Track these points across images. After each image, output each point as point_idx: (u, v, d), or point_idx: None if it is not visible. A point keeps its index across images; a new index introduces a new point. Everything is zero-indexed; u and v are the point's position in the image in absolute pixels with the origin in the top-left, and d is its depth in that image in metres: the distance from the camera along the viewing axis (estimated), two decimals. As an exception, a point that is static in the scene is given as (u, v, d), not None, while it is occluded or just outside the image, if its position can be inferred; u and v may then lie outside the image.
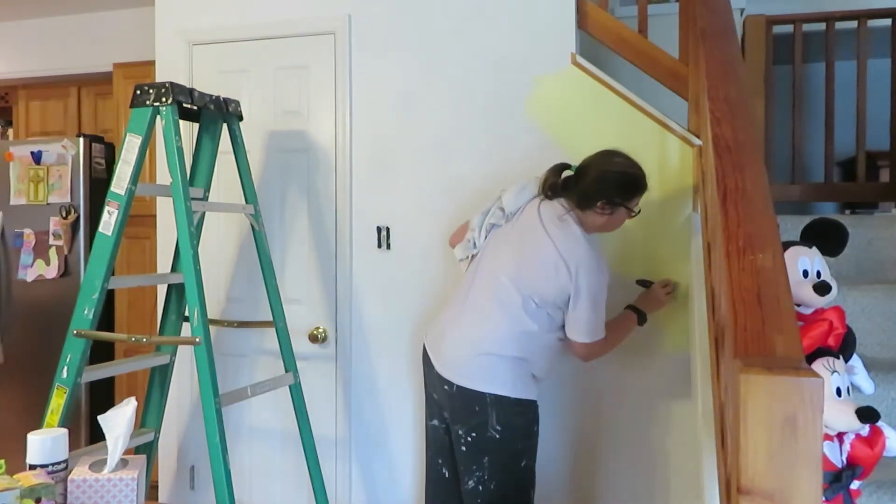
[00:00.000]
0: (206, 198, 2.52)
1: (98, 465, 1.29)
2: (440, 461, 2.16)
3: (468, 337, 2.02)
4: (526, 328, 1.99)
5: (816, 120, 3.44)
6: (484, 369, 1.98)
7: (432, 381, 2.11)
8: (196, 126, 2.57)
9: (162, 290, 2.89)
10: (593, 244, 2.02)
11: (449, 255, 2.60)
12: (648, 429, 2.42)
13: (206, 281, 2.77)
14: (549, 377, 2.23)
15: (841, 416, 1.58)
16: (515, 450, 1.99)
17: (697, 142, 2.36)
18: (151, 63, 3.14)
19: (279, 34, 2.82)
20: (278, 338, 2.56)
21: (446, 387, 2.02)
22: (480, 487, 1.98)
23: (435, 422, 2.15)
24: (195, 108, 2.39)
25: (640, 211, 2.09)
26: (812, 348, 1.68)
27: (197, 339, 2.13)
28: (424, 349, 2.16)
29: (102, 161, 3.65)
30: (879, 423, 1.66)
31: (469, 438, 1.98)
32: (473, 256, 2.19)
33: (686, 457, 2.37)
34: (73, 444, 2.91)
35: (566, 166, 2.10)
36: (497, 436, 1.95)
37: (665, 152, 2.41)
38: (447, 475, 2.14)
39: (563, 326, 2.05)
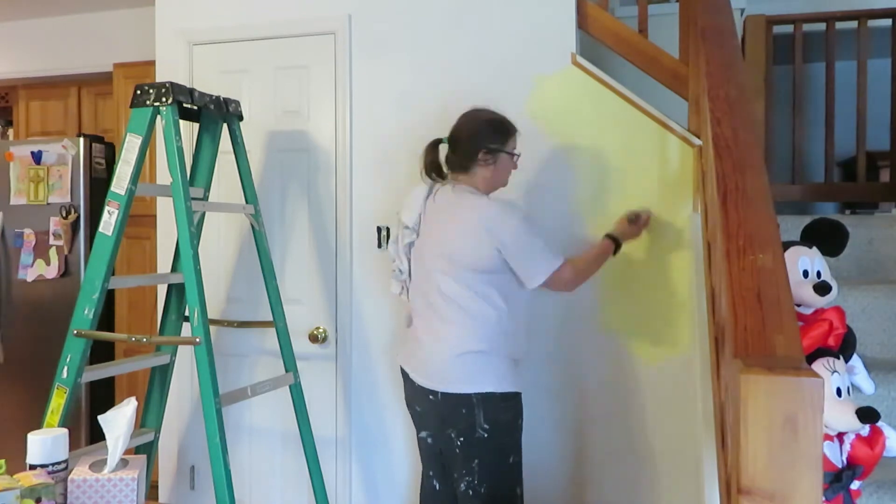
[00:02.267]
0: (206, 198, 2.52)
1: (98, 465, 1.29)
2: (430, 473, 2.17)
3: (440, 344, 2.01)
4: (485, 314, 1.97)
5: (816, 120, 3.44)
6: (464, 371, 1.97)
7: (413, 394, 2.11)
8: (196, 126, 2.57)
9: (162, 290, 2.89)
10: (497, 200, 2.00)
11: (449, 255, 2.60)
12: (648, 429, 2.42)
13: (206, 281, 2.77)
14: (529, 355, 2.26)
15: (841, 417, 1.58)
16: (502, 447, 1.98)
17: (697, 142, 2.36)
18: (151, 63, 3.14)
19: (279, 34, 2.82)
20: (278, 338, 2.56)
21: (431, 396, 2.01)
22: (471, 492, 1.97)
23: (423, 433, 2.14)
24: (195, 108, 2.39)
25: (520, 154, 2.11)
26: (812, 348, 1.68)
27: (197, 339, 2.13)
28: (401, 367, 2.15)
29: (102, 161, 3.65)
30: (879, 424, 1.67)
31: (459, 442, 1.97)
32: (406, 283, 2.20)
33: (686, 457, 2.37)
34: (74, 444, 2.91)
35: (438, 140, 2.11)
36: (485, 435, 1.94)
37: (665, 152, 2.41)
38: (437, 487, 2.15)
39: (518, 289, 2.03)
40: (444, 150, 2.11)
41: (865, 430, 1.65)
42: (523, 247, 1.95)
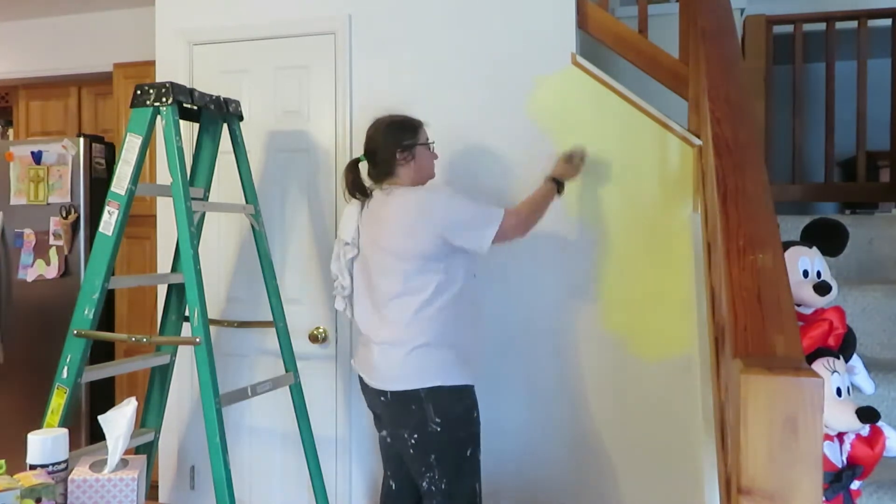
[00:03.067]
0: (206, 198, 2.52)
1: (98, 465, 1.29)
2: (389, 473, 2.20)
3: (385, 344, 2.02)
4: (424, 308, 1.97)
5: (816, 120, 3.44)
6: (410, 367, 1.97)
7: (370, 398, 2.13)
8: (196, 126, 2.57)
9: (162, 290, 2.89)
10: (419, 186, 2.06)
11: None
12: (648, 429, 2.42)
13: (206, 281, 2.77)
14: (483, 356, 2.29)
15: (841, 416, 1.58)
16: (458, 440, 1.99)
17: (697, 142, 2.36)
18: (151, 63, 3.14)
19: (279, 34, 2.82)
20: (278, 338, 2.56)
21: (382, 398, 2.03)
22: (433, 488, 1.98)
23: (382, 432, 2.18)
24: (195, 108, 2.39)
25: (434, 142, 2.16)
26: (812, 348, 1.68)
27: (197, 339, 2.12)
28: (358, 374, 2.17)
29: (103, 161, 3.65)
30: (880, 424, 1.66)
31: (413, 441, 1.98)
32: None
33: (686, 457, 2.37)
34: (74, 444, 2.90)
35: (357, 160, 2.16)
36: (438, 429, 1.95)
37: (665, 152, 2.41)
38: (394, 487, 2.18)
39: (460, 274, 2.02)
40: (364, 167, 2.16)
41: (865, 430, 1.65)
42: (461, 215, 1.97)
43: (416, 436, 1.97)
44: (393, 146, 2.07)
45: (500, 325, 2.56)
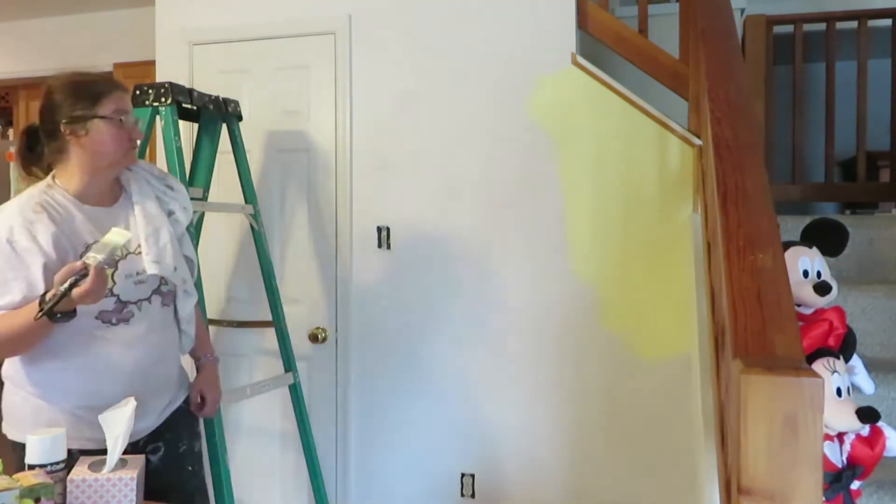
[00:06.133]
0: (205, 198, 2.52)
1: (97, 465, 1.29)
2: None
3: None
4: None
5: (817, 120, 3.44)
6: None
7: None
8: (196, 126, 2.57)
9: (162, 290, 2.88)
10: (14, 209, 1.52)
11: (450, 254, 2.60)
12: (648, 429, 2.42)
13: (206, 281, 2.77)
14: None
15: (841, 417, 1.58)
16: None
17: (697, 142, 2.36)
18: (151, 63, 3.14)
19: (279, 34, 2.82)
20: (278, 338, 2.56)
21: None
22: None
23: None
24: (194, 108, 2.39)
25: (128, 112, 1.61)
26: (812, 348, 1.68)
27: (197, 339, 2.12)
28: None
29: (102, 161, 3.64)
30: (880, 424, 1.66)
31: None
32: None
33: (686, 457, 2.37)
34: (73, 444, 2.90)
35: (35, 126, 1.65)
36: None
37: (665, 152, 2.41)
38: None
39: None
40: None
41: (865, 430, 1.65)
42: None
43: None
44: (57, 112, 1.57)
45: (499, 325, 2.56)
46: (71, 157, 1.58)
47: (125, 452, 1.32)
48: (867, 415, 1.57)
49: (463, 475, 2.61)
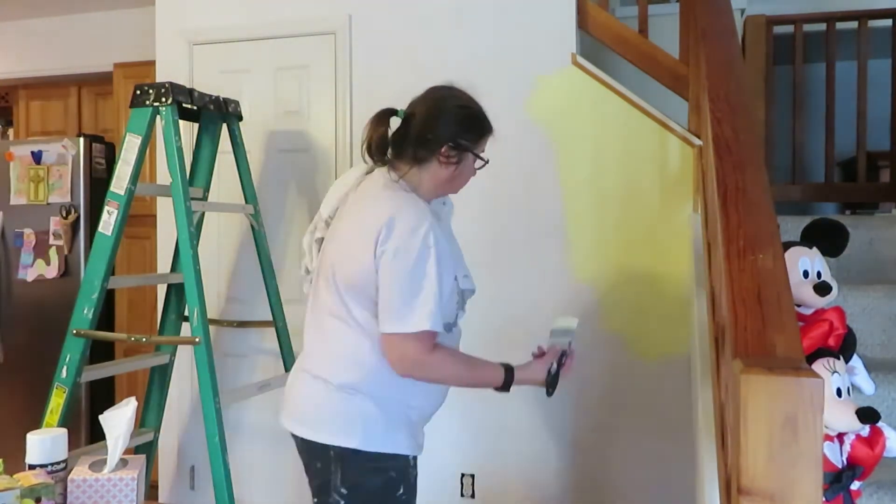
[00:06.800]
0: (205, 198, 2.52)
1: (98, 465, 1.28)
2: None
3: (303, 372, 1.57)
4: (359, 343, 1.49)
5: (817, 120, 3.44)
6: (325, 412, 1.51)
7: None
8: (196, 126, 2.57)
9: (162, 290, 2.88)
10: (418, 205, 1.49)
11: (449, 255, 2.60)
12: (648, 429, 2.42)
13: (206, 281, 2.77)
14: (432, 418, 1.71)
15: (841, 417, 1.58)
16: None
17: (697, 142, 2.36)
18: (152, 63, 3.14)
19: (279, 34, 2.82)
20: (278, 338, 2.56)
21: (295, 439, 1.60)
22: None
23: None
24: (195, 108, 2.39)
25: (488, 161, 1.64)
26: (812, 349, 1.68)
27: (197, 339, 2.13)
28: None
29: (103, 161, 3.64)
30: (880, 424, 1.66)
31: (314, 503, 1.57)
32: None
33: (685, 457, 2.37)
34: (73, 444, 2.90)
35: (391, 111, 1.62)
36: (341, 502, 1.48)
37: (665, 152, 2.41)
38: None
39: None
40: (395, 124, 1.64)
41: (865, 430, 1.65)
42: (400, 275, 1.42)
43: (315, 500, 1.56)
44: (447, 133, 1.54)
45: (498, 325, 2.56)
46: (427, 171, 1.56)
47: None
48: (867, 415, 1.56)
49: (463, 475, 2.61)
